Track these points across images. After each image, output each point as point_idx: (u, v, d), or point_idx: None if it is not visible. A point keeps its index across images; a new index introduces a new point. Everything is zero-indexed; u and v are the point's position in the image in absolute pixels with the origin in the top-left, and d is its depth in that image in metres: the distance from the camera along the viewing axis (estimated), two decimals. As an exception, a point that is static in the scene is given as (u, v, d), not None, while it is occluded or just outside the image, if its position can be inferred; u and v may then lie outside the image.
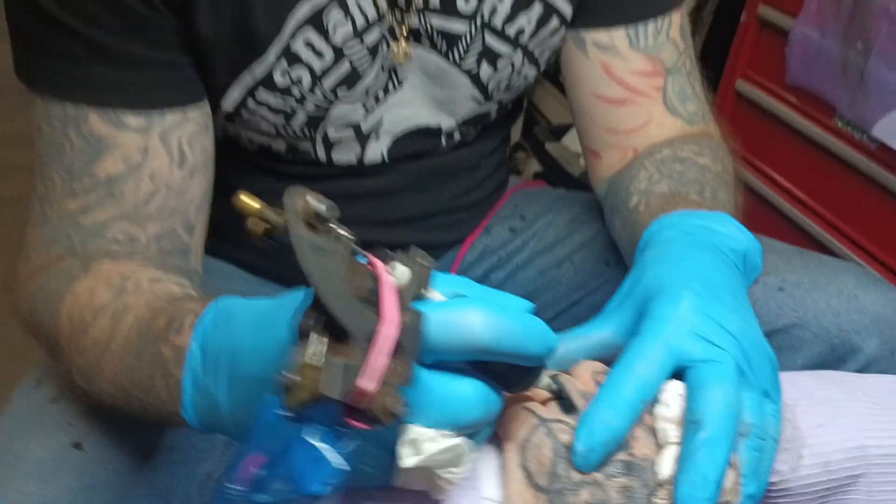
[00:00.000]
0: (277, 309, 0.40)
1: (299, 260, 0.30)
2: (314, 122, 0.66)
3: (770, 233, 0.79)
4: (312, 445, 0.32)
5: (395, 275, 0.35)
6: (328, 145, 0.69)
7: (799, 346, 0.67)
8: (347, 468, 0.32)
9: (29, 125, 0.60)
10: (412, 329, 0.34)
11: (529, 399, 0.43)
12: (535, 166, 1.60)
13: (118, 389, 0.50)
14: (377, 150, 0.72)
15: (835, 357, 0.66)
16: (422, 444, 0.35)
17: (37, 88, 0.57)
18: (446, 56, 0.67)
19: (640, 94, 0.72)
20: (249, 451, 0.32)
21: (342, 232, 0.32)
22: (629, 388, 0.41)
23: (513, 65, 0.70)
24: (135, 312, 0.51)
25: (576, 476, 0.39)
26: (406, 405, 0.32)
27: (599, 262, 0.81)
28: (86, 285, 0.54)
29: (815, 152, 0.98)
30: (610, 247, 0.80)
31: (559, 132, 1.61)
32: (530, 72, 0.72)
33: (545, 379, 0.44)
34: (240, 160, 0.71)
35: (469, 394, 0.37)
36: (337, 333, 0.32)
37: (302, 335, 0.32)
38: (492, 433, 0.43)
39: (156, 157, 0.58)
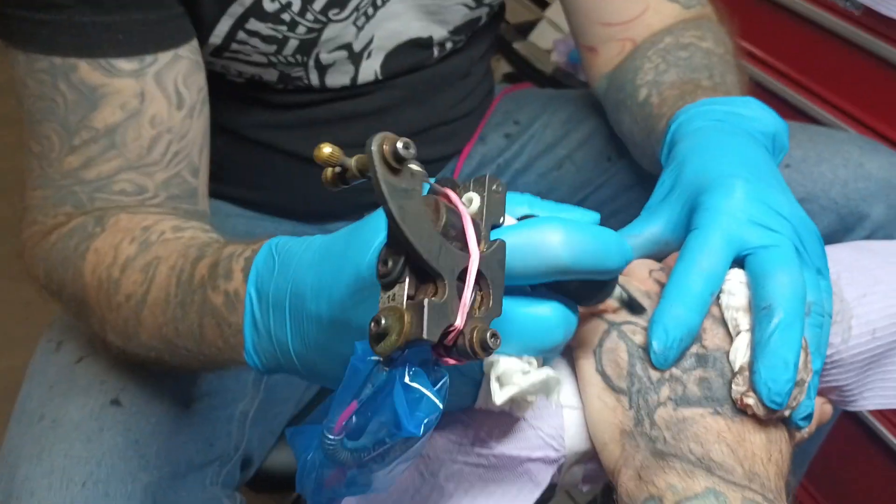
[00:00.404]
0: (342, 248, 0.38)
1: (382, 203, 0.29)
2: (306, 47, 0.63)
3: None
4: (409, 387, 0.31)
5: (469, 206, 0.35)
6: (321, 69, 0.67)
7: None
8: (442, 406, 0.31)
9: (10, 81, 0.56)
10: (494, 259, 0.33)
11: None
12: (504, 68, 1.56)
13: (163, 342, 0.49)
14: (370, 69, 0.69)
15: (843, 227, 0.67)
16: (511, 377, 0.35)
17: (16, 43, 0.53)
18: None
19: None
20: (342, 400, 0.32)
21: (416, 168, 0.31)
22: (697, 282, 0.41)
23: None
24: (167, 263, 0.49)
25: (654, 374, 0.39)
26: (497, 337, 0.31)
27: (601, 159, 0.80)
28: (107, 241, 0.52)
29: (799, 24, 0.96)
30: (611, 142, 0.79)
31: (524, 30, 1.57)
32: None
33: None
34: (228, 94, 0.67)
35: (550, 316, 0.36)
36: (420, 273, 0.31)
37: (384, 277, 0.31)
38: None
39: (153, 100, 0.55)
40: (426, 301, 0.30)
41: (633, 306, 0.42)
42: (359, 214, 0.78)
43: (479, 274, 0.32)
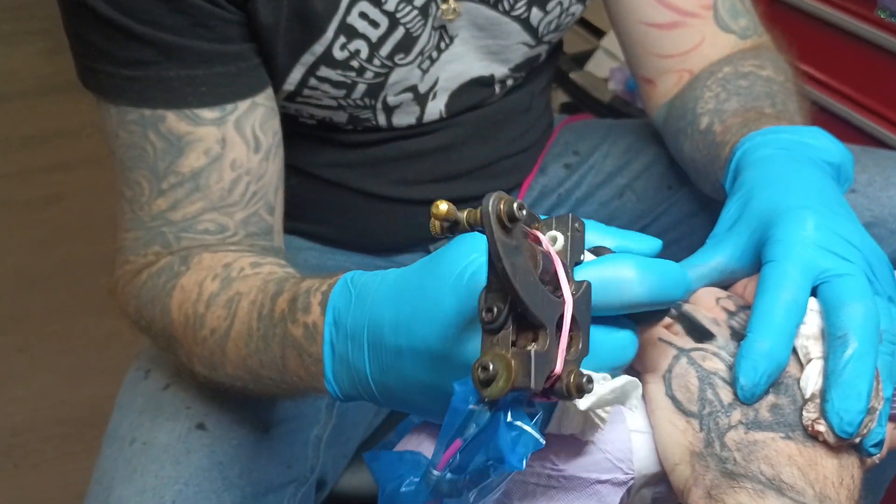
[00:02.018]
0: (418, 283, 0.40)
1: (496, 261, 0.31)
2: (374, 90, 0.67)
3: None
4: (511, 425, 0.33)
5: (554, 245, 0.36)
6: (388, 110, 0.70)
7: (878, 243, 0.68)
8: (543, 441, 0.33)
9: (101, 134, 0.60)
10: (583, 302, 0.35)
11: (661, 331, 0.44)
12: (561, 97, 1.59)
13: (248, 373, 0.52)
14: (435, 108, 0.72)
15: None
16: (597, 387, 0.36)
17: (109, 97, 0.58)
18: (495, 6, 0.67)
19: (690, 16, 0.71)
20: (445, 438, 0.34)
21: (520, 211, 0.33)
22: (781, 315, 0.41)
23: (561, 4, 0.69)
24: (248, 298, 0.52)
25: (725, 398, 0.40)
26: (592, 381, 0.34)
27: (662, 187, 0.81)
28: (192, 279, 0.56)
29: (860, 47, 0.96)
30: (671, 171, 0.80)
31: (580, 59, 1.59)
32: (577, 9, 0.72)
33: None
34: (300, 135, 0.71)
35: (626, 340, 0.39)
36: (521, 320, 0.33)
37: (490, 323, 0.33)
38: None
39: (233, 146, 0.59)
40: (533, 352, 0.32)
41: (701, 333, 0.43)
42: (423, 247, 0.82)
43: (573, 317, 0.34)
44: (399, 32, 0.63)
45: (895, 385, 0.43)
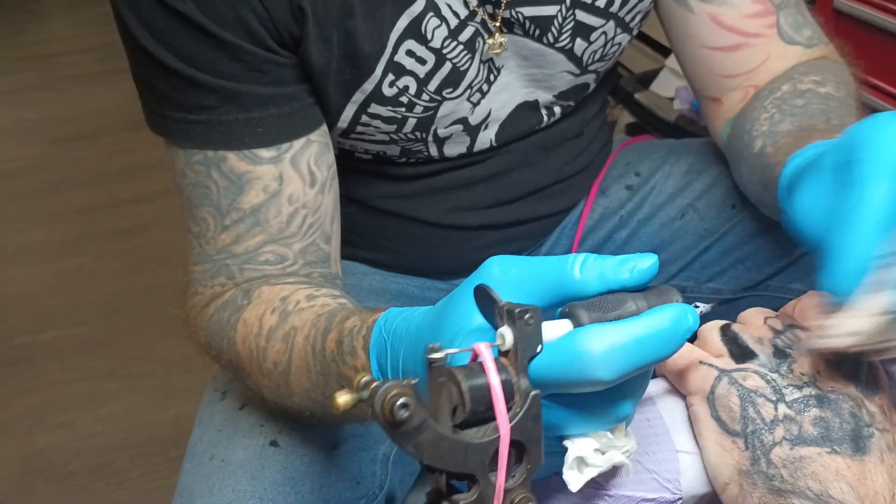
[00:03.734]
0: (432, 330, 0.41)
1: (398, 447, 0.33)
2: (424, 124, 0.69)
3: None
4: None
5: (503, 343, 0.35)
6: (439, 142, 0.72)
7: None
8: None
9: (171, 173, 0.65)
10: (527, 419, 0.34)
11: (702, 353, 0.44)
12: (626, 118, 1.59)
13: (313, 403, 0.55)
14: (486, 138, 0.74)
15: None
16: (586, 460, 0.37)
17: (175, 140, 0.62)
18: (539, 39, 0.69)
19: (754, 37, 0.71)
20: None
21: (437, 356, 0.34)
22: (868, 214, 0.39)
23: (605, 34, 0.70)
24: (302, 333, 0.55)
25: (767, 415, 0.41)
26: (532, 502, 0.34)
27: (725, 206, 0.81)
28: (253, 312, 0.59)
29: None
30: (734, 190, 0.79)
31: (646, 80, 1.59)
32: (623, 38, 0.72)
33: (715, 333, 0.45)
34: (357, 169, 0.74)
35: (625, 405, 0.38)
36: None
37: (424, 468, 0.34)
38: (669, 390, 0.45)
39: (290, 182, 0.62)
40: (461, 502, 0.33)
41: (744, 352, 0.43)
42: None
43: (516, 441, 0.34)
44: (446, 68, 0.66)
45: None
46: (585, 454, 0.37)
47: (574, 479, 0.37)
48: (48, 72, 2.80)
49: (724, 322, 0.46)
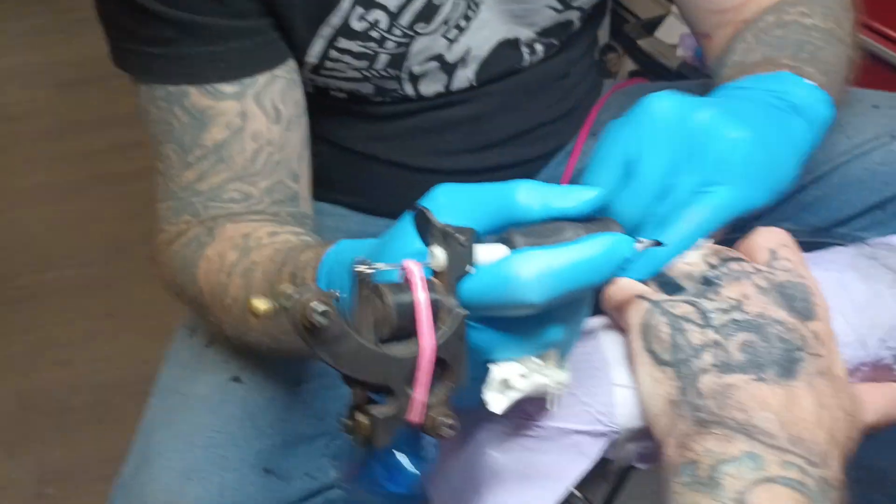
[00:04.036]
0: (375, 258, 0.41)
1: (315, 356, 0.32)
2: (397, 60, 0.67)
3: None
4: (387, 462, 0.35)
5: (433, 261, 0.35)
6: (414, 79, 0.71)
7: None
8: (417, 472, 0.35)
9: (135, 108, 0.64)
10: (453, 339, 0.34)
11: (638, 287, 0.44)
12: (629, 65, 1.55)
13: (268, 337, 0.55)
14: (464, 77, 0.72)
15: None
16: (510, 383, 0.37)
17: (138, 75, 0.62)
18: None
19: None
20: (346, 460, 0.36)
21: (363, 269, 0.33)
22: None
23: None
24: (262, 267, 0.55)
25: (695, 341, 0.40)
26: (453, 427, 0.34)
27: None
28: (215, 249, 0.59)
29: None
30: None
31: (651, 26, 1.55)
32: None
33: None
34: (332, 109, 0.73)
35: (554, 330, 0.37)
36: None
37: (345, 380, 0.34)
38: (612, 325, 0.45)
39: (254, 118, 0.61)
40: (377, 415, 0.33)
41: (672, 288, 0.43)
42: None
43: (439, 358, 0.34)
44: (420, 2, 0.64)
45: None
46: (510, 377, 0.37)
47: (496, 400, 0.36)
48: (62, 14, 2.79)
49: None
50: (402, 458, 0.35)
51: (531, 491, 0.41)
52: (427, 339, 0.33)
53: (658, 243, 0.43)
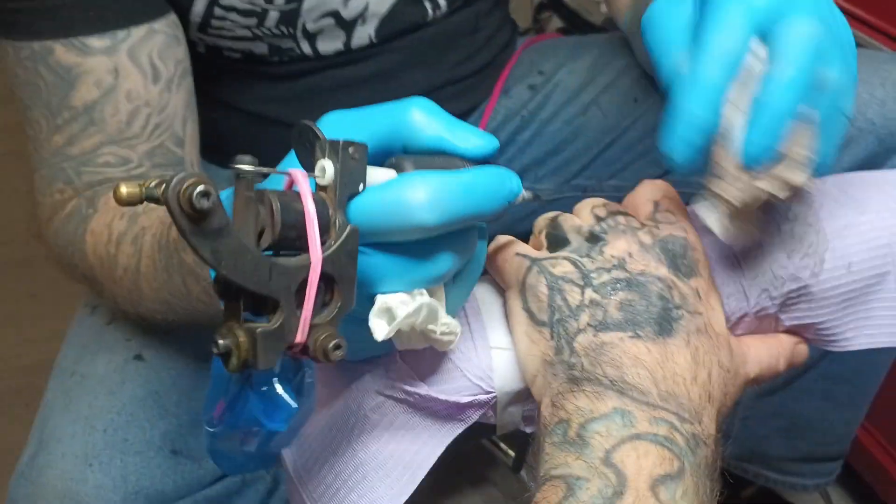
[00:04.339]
0: None
1: (192, 251, 0.28)
2: (288, 17, 0.64)
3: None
4: (262, 392, 0.32)
5: (323, 176, 0.33)
6: (310, 37, 0.68)
7: (846, 143, 0.65)
8: (296, 406, 0.32)
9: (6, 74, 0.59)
10: (342, 253, 0.31)
11: (517, 245, 0.42)
12: (556, 22, 1.53)
13: (162, 304, 0.53)
14: (364, 33, 0.69)
15: (883, 149, 0.64)
16: (394, 311, 0.34)
17: (3, 32, 0.57)
18: None
19: None
20: (213, 398, 0.33)
21: (245, 168, 0.30)
22: (711, 70, 0.36)
23: None
24: (151, 231, 0.52)
25: (573, 301, 0.39)
26: (341, 348, 0.31)
27: (628, 101, 0.79)
28: (100, 221, 0.56)
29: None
30: (638, 83, 0.77)
31: (578, -20, 1.53)
32: None
33: (542, 222, 0.43)
34: (227, 70, 0.70)
35: (444, 258, 0.35)
36: (255, 296, 0.30)
37: (222, 295, 0.31)
38: (492, 285, 0.43)
39: (128, 76, 0.57)
40: (259, 331, 0.30)
41: (558, 241, 0.41)
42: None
43: (327, 273, 0.31)
44: None
45: (833, 144, 0.39)
46: (394, 305, 0.34)
47: (379, 327, 0.34)
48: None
49: (556, 213, 0.44)
50: (281, 391, 0.32)
51: (404, 454, 0.40)
52: (316, 250, 0.31)
53: (538, 197, 0.41)
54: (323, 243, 0.31)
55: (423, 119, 0.36)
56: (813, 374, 0.78)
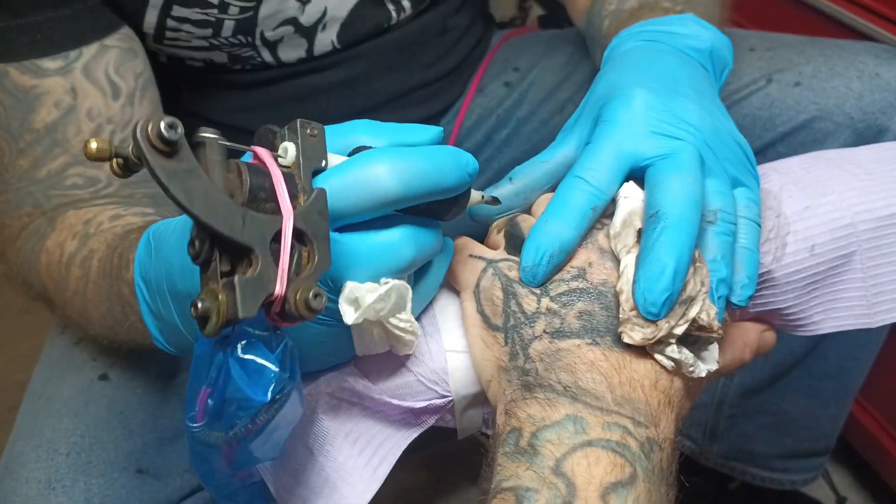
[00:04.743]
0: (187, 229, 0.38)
1: (164, 190, 0.28)
2: (245, 26, 0.63)
3: (800, 29, 0.73)
4: (244, 360, 0.31)
5: (286, 156, 0.34)
6: (271, 46, 0.66)
7: (823, 138, 0.64)
8: (276, 369, 0.31)
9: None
10: (314, 211, 0.32)
11: (473, 246, 0.42)
12: (538, 11, 1.51)
13: (107, 330, 0.52)
14: (326, 40, 0.68)
15: (861, 142, 0.63)
16: (362, 298, 0.34)
17: None
18: None
19: None
20: (194, 387, 0.32)
21: (210, 135, 0.30)
22: (576, 196, 0.39)
23: None
24: (98, 255, 0.51)
25: (529, 308, 0.38)
26: (321, 295, 0.31)
27: None
28: (55, 240, 0.55)
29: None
30: None
31: (560, -29, 1.51)
32: None
33: (502, 222, 0.42)
34: (191, 80, 0.69)
35: (395, 240, 0.36)
36: (231, 249, 0.31)
37: (196, 258, 0.31)
38: (445, 275, 0.42)
39: (86, 95, 0.56)
40: (237, 278, 0.30)
41: (517, 242, 0.40)
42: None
43: (300, 231, 0.31)
44: None
45: (753, 269, 0.40)
46: (360, 294, 0.35)
47: (348, 312, 0.34)
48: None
49: (516, 212, 0.44)
50: (263, 359, 0.32)
51: (357, 458, 0.39)
52: (286, 204, 0.31)
53: (496, 200, 0.42)
54: (293, 206, 0.32)
55: (370, 129, 0.37)
56: (798, 372, 0.77)
